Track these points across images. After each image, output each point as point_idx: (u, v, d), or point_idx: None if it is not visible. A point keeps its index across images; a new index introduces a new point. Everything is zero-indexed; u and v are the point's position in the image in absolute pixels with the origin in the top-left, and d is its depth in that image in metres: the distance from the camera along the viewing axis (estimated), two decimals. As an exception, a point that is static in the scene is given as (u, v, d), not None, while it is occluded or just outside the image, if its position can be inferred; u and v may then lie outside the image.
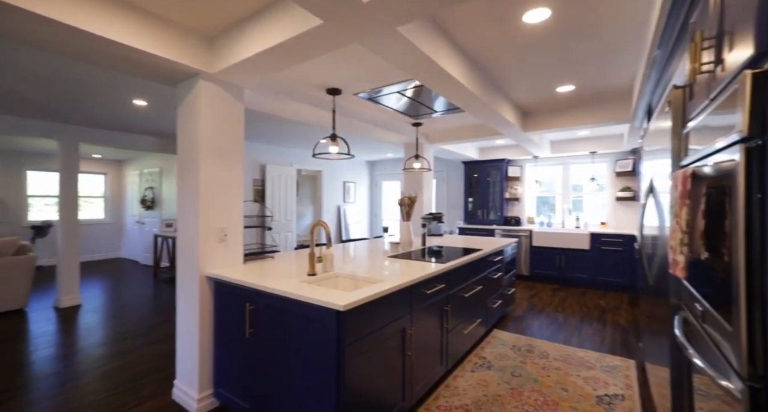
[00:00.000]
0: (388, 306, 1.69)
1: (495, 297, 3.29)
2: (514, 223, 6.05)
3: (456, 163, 7.02)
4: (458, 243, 3.50)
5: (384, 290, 1.63)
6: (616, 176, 5.40)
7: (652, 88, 2.27)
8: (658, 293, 1.84)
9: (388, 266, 2.24)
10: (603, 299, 4.54)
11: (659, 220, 1.92)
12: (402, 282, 1.78)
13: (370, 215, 8.26)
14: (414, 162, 3.86)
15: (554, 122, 3.67)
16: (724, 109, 0.87)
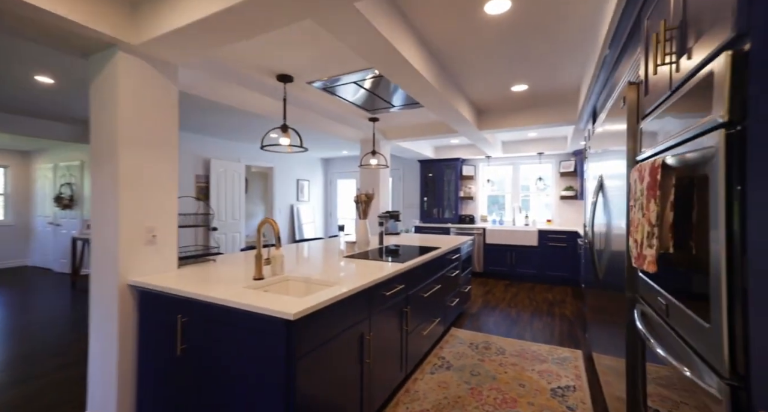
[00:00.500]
0: (344, 311, 1.54)
1: (453, 295, 3.28)
2: (469, 221, 6.18)
3: (412, 162, 7.02)
4: (416, 242, 3.44)
5: (340, 294, 1.48)
6: (560, 176, 5.72)
7: (600, 89, 2.36)
8: (608, 286, 1.89)
9: (345, 267, 2.09)
10: (550, 293, 4.77)
11: (607, 216, 1.99)
12: (360, 284, 1.64)
13: (324, 214, 8.00)
14: (371, 158, 3.73)
15: (508, 122, 3.75)
16: (691, 98, 0.84)
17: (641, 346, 1.30)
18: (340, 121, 3.74)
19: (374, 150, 3.69)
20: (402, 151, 5.67)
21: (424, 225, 6.25)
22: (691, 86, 0.85)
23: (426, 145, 5.95)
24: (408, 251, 2.83)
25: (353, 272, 1.94)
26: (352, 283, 1.66)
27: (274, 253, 1.77)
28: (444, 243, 3.30)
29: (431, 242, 3.42)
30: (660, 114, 1.08)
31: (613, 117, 1.72)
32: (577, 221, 5.66)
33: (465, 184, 6.53)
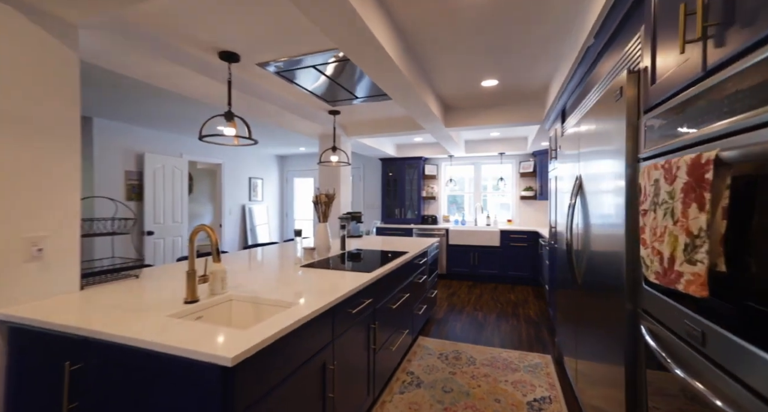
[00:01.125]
0: (303, 341, 1.24)
1: (420, 302, 3.07)
2: (431, 222, 6.06)
3: (373, 160, 6.77)
4: (380, 246, 3.19)
5: (298, 321, 1.18)
6: (520, 177, 5.78)
7: (574, 86, 2.26)
8: (590, 291, 1.78)
9: (303, 280, 1.78)
10: (512, 293, 4.76)
11: (586, 219, 1.87)
12: (322, 304, 1.35)
13: (280, 215, 7.49)
14: (331, 155, 3.41)
15: (475, 120, 3.62)
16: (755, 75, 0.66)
17: (645, 361, 1.15)
18: (297, 113, 3.38)
19: (335, 146, 3.37)
20: (363, 149, 5.40)
21: (386, 226, 6.03)
22: (756, 60, 0.67)
23: (388, 142, 5.73)
24: (373, 257, 2.56)
25: (314, 286, 1.63)
26: (313, 302, 1.36)
27: (214, 268, 1.41)
28: (410, 246, 3.08)
29: (396, 245, 3.19)
30: (681, 103, 0.91)
31: (600, 114, 1.59)
32: (536, 220, 5.76)
33: (427, 183, 6.41)
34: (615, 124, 1.37)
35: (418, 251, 2.90)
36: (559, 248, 2.64)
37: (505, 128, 4.72)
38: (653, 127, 1.10)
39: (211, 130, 4.17)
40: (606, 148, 1.49)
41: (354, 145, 5.00)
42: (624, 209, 1.26)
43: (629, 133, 1.25)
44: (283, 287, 1.63)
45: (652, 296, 1.10)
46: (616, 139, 1.36)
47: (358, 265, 2.25)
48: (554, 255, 3.21)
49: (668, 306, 0.99)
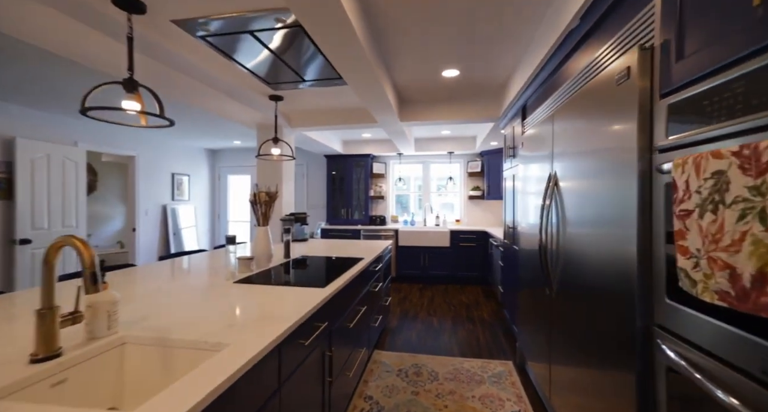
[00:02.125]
0: (236, 403, 0.85)
1: (376, 313, 2.76)
2: (380, 222, 5.80)
3: (318, 157, 6.30)
4: (330, 251, 2.81)
5: (229, 378, 0.78)
6: (468, 176, 5.79)
7: (544, 77, 2.13)
8: (568, 297, 1.63)
9: (238, 302, 1.35)
10: (463, 294, 4.69)
11: (561, 220, 1.73)
12: (265, 342, 0.96)
13: (211, 216, 6.64)
14: (272, 147, 2.94)
15: (431, 114, 3.42)
16: None
17: (666, 383, 0.97)
18: (230, 94, 2.84)
19: (276, 136, 2.91)
20: (307, 144, 4.93)
21: (332, 227, 5.63)
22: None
23: (335, 138, 5.33)
24: (325, 266, 2.19)
25: (252, 312, 1.22)
26: (252, 339, 0.97)
27: (92, 300, 0.93)
28: (363, 251, 2.75)
29: (348, 250, 2.84)
30: (734, 80, 0.72)
31: (588, 106, 1.42)
32: (484, 220, 5.81)
33: (376, 182, 6.14)
34: (616, 113, 1.19)
35: (373, 256, 2.59)
36: (522, 250, 2.52)
37: (456, 127, 4.63)
38: (681, 110, 0.92)
39: (89, 97, 3.39)
40: (598, 142, 1.31)
41: (297, 140, 4.52)
42: (635, 208, 1.08)
43: (641, 120, 1.07)
44: (209, 317, 1.19)
45: (679, 313, 0.92)
46: (617, 129, 1.18)
47: (308, 277, 1.86)
48: (510, 256, 3.13)
49: (711, 327, 0.80)
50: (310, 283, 1.72)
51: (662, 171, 0.97)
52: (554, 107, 1.89)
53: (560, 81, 1.91)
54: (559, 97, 1.88)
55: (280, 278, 1.81)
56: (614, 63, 1.22)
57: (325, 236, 5.62)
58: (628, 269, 1.12)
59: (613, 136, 1.21)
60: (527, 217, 2.36)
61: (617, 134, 1.18)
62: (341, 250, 2.84)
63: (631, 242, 1.10)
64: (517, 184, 2.88)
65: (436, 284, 5.22)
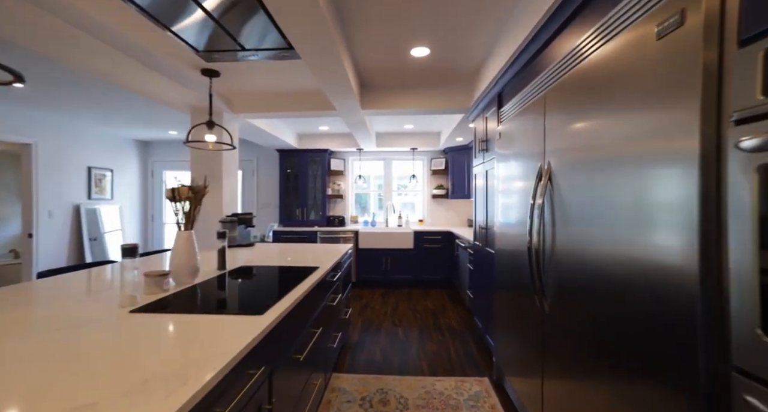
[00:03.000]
0: None
1: (334, 331, 2.34)
2: (338, 223, 5.36)
3: (269, 152, 5.71)
4: (279, 258, 2.34)
5: None
6: (431, 174, 5.54)
7: (533, 53, 1.84)
8: (565, 310, 1.34)
9: (128, 347, 0.88)
10: (428, 299, 4.40)
11: (550, 219, 1.45)
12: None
13: (143, 218, 5.76)
14: (206, 132, 2.40)
15: (395, 101, 3.06)
16: None
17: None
18: (150, 65, 2.26)
19: (211, 120, 2.37)
20: (256, 135, 4.36)
21: (286, 229, 5.08)
22: None
23: (288, 130, 4.80)
24: (270, 279, 1.73)
25: (140, 371, 0.76)
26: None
27: None
28: (319, 257, 2.32)
29: (301, 256, 2.38)
30: None
31: (595, 80, 1.14)
32: (447, 220, 5.58)
33: (334, 180, 5.68)
34: (654, 78, 0.90)
35: (331, 264, 2.16)
36: (500, 252, 2.24)
37: (420, 121, 4.33)
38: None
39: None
40: (625, 121, 1.02)
41: (244, 130, 3.94)
42: (694, 205, 0.78)
43: (707, 80, 0.77)
44: (62, 384, 0.71)
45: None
46: (657, 99, 0.89)
47: (244, 298, 1.40)
48: (482, 259, 2.86)
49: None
50: (245, 307, 1.27)
51: (745, 148, 0.68)
52: (545, 89, 1.61)
53: (552, 56, 1.63)
54: (552, 75, 1.59)
55: (202, 302, 1.34)
56: (653, 11, 0.92)
57: (277, 239, 5.06)
58: (676, 288, 0.83)
59: (650, 111, 0.92)
60: (508, 216, 2.08)
61: (657, 107, 0.89)
62: (293, 256, 2.38)
63: (687, 252, 0.80)
64: (491, 181, 2.61)
65: (400, 289, 4.89)
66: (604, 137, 1.13)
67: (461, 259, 4.10)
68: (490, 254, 2.60)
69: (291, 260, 2.23)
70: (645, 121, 0.94)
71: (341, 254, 2.55)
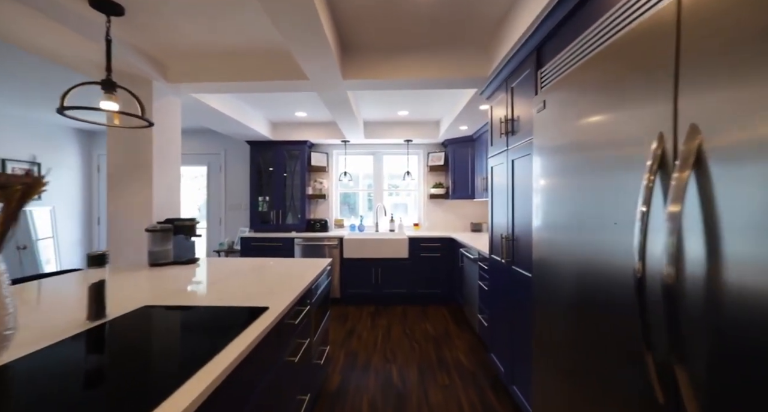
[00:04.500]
0: None
1: (301, 392, 1.56)
2: (320, 228, 4.56)
3: (238, 144, 4.88)
4: (222, 285, 1.54)
5: None
6: (429, 171, 4.79)
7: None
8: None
9: None
10: (427, 320, 3.65)
11: (708, 234, 0.71)
12: None
13: (85, 223, 4.86)
14: (102, 98, 1.59)
15: (389, 69, 2.29)
16: None
17: None
18: (28, 2, 1.45)
19: (110, 78, 1.57)
20: (217, 122, 3.55)
21: (258, 235, 4.26)
22: None
23: (258, 115, 3.99)
24: (175, 339, 0.93)
25: None
26: None
27: None
28: (281, 282, 1.54)
29: (253, 282, 1.59)
30: None
31: None
32: (447, 224, 4.84)
33: (315, 177, 4.89)
34: None
35: (295, 297, 1.39)
36: (550, 279, 1.50)
37: (417, 105, 3.58)
38: None
39: None
40: None
41: (196, 113, 3.12)
42: None
43: None
44: None
45: None
46: None
47: (93, 399, 0.61)
48: (504, 280, 2.12)
49: None
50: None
51: None
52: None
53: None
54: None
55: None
56: None
57: (246, 247, 4.24)
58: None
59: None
60: (568, 227, 1.33)
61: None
62: (242, 284, 1.59)
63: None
64: (521, 175, 1.87)
65: (393, 305, 4.13)
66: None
67: (467, 272, 3.36)
68: (520, 277, 1.86)
69: (238, 288, 1.45)
70: None
71: (313, 275, 1.77)
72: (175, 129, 2.43)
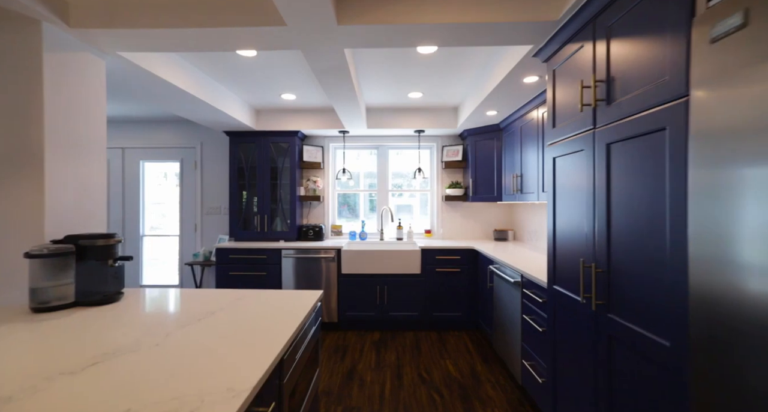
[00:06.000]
0: None
1: None
2: (314, 236, 3.80)
3: (217, 136, 4.13)
4: (136, 360, 0.79)
5: None
6: (443, 168, 4.03)
7: None
8: None
9: None
10: (447, 354, 2.90)
11: None
12: None
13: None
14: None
15: (408, 5, 1.53)
16: None
17: None
18: None
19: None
20: (181, 106, 2.79)
21: (238, 246, 3.50)
22: None
23: (236, 99, 3.22)
24: None
25: None
26: None
27: None
28: (250, 336, 0.78)
29: (211, 337, 0.83)
30: None
31: None
32: (465, 231, 4.08)
33: (307, 175, 4.13)
34: None
35: (261, 376, 0.63)
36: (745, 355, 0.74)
37: (435, 83, 2.82)
38: None
39: None
40: None
41: (154, 93, 2.37)
42: None
43: None
44: None
45: None
46: None
47: None
48: (584, 327, 1.34)
49: None
50: None
51: None
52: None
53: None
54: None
55: None
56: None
57: (224, 260, 3.48)
58: None
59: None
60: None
61: None
62: (180, 348, 0.84)
63: None
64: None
65: (402, 332, 3.37)
66: None
67: (501, 297, 2.59)
68: (630, 337, 1.09)
69: (152, 385, 0.70)
70: None
71: (293, 329, 1.01)
72: (94, 102, 1.67)
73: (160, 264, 4.26)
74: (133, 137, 4.12)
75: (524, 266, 2.30)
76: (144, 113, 3.79)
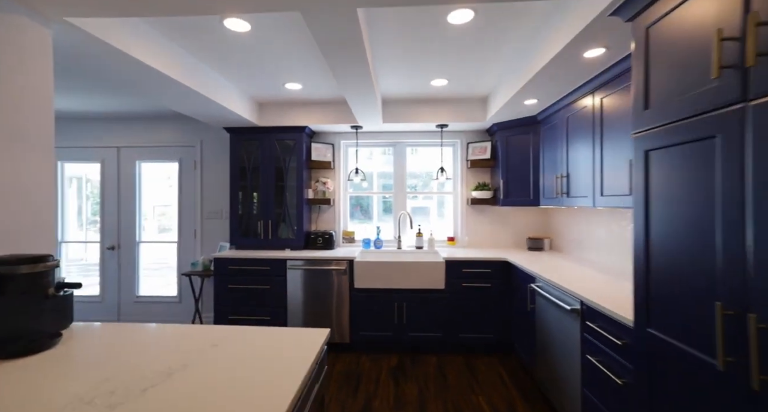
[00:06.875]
0: None
1: None
2: (323, 244, 3.39)
3: (218, 133, 3.76)
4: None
5: None
6: (468, 167, 3.56)
7: None
8: None
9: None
10: (479, 386, 2.44)
11: None
12: None
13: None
14: None
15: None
16: None
17: None
18: None
19: None
20: (170, 94, 2.43)
21: (239, 256, 3.12)
22: None
23: (233, 88, 2.84)
24: None
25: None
26: None
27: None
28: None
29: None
30: None
31: None
32: (494, 239, 3.60)
33: (317, 176, 3.73)
34: None
35: None
36: None
37: (462, 67, 2.38)
38: None
39: None
40: None
41: (130, 77, 2.00)
42: None
43: None
44: None
45: None
46: None
47: None
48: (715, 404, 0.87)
49: None
50: None
51: None
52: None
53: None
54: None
55: None
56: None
57: (223, 271, 3.10)
58: None
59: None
60: None
61: None
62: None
63: None
64: None
65: (424, 356, 2.92)
66: None
67: (547, 321, 2.11)
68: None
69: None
70: None
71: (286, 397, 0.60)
72: (36, 83, 1.29)
73: (158, 274, 3.93)
74: (128, 136, 3.79)
75: (580, 287, 1.83)
76: (139, 109, 3.45)
